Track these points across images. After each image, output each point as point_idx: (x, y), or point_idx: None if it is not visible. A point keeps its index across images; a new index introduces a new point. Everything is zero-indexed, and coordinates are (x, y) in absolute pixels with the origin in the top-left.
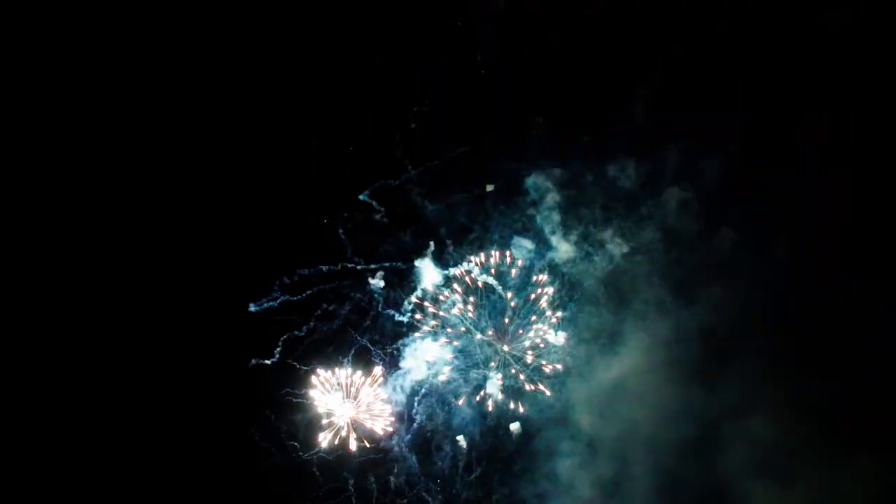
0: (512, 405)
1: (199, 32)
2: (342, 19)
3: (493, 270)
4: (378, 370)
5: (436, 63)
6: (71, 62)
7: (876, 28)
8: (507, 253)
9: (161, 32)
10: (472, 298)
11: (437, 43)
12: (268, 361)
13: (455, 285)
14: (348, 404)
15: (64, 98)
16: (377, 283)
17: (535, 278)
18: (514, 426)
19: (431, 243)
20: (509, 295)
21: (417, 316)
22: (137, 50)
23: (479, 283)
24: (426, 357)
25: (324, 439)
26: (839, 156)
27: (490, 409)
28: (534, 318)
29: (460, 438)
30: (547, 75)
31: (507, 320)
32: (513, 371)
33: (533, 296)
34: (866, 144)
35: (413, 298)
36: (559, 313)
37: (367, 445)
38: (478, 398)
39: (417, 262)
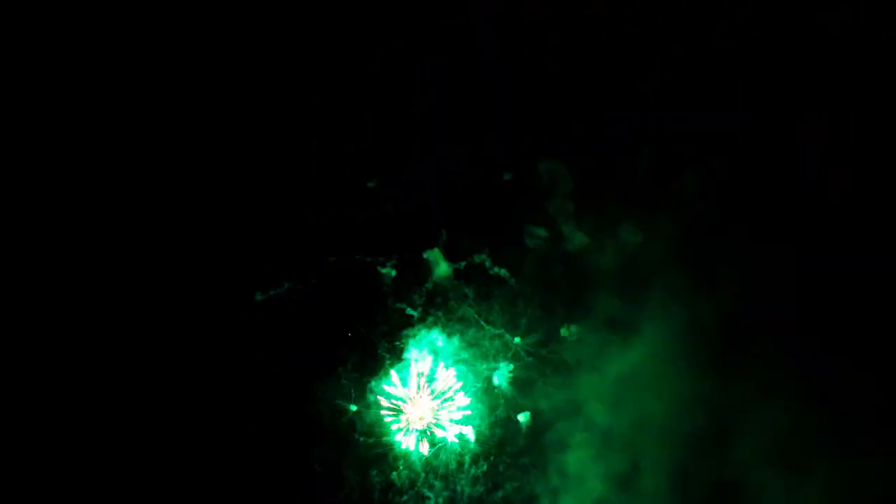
0: (521, 397)
1: (201, 32)
2: (342, 19)
3: (505, 261)
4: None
5: (436, 62)
6: (74, 62)
7: (876, 28)
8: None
9: (166, 32)
10: (482, 289)
11: (437, 43)
12: (271, 355)
13: (466, 276)
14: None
15: (70, 97)
16: (387, 273)
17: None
18: (523, 418)
19: (444, 232)
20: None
21: (427, 307)
22: (147, 48)
23: (491, 274)
24: (433, 349)
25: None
26: (861, 141)
27: (499, 401)
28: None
29: (466, 432)
30: (548, 74)
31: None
32: (523, 363)
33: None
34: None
35: (423, 289)
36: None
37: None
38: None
39: (428, 254)
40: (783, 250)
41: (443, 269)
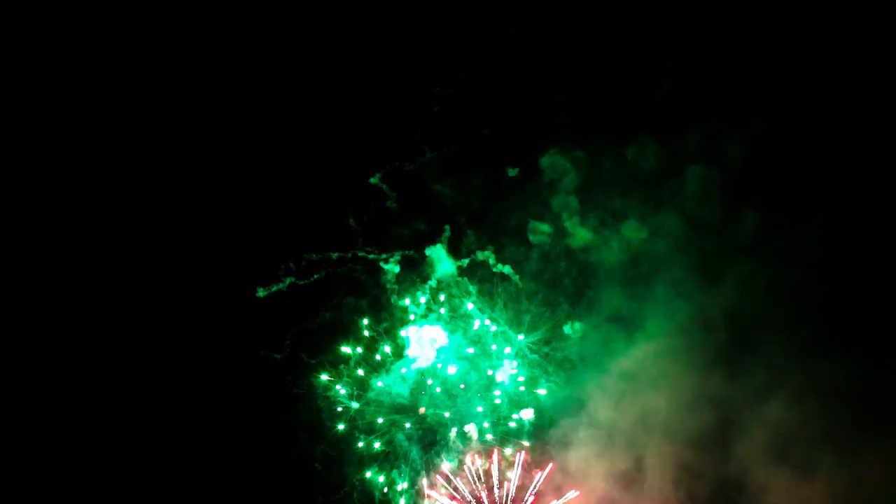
0: (525, 394)
1: (201, 32)
2: (344, 15)
3: (509, 258)
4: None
5: (439, 59)
6: (75, 63)
7: None
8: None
9: (167, 32)
10: (486, 286)
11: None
12: (274, 352)
13: (469, 273)
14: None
15: (71, 98)
16: (390, 270)
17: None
18: (527, 415)
19: (447, 227)
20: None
21: (430, 304)
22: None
23: (495, 271)
24: (436, 346)
25: None
26: (867, 135)
27: (500, 399)
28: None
29: (468, 429)
30: (570, 51)
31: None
32: (527, 360)
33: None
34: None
35: (427, 286)
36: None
37: None
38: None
39: (431, 250)
40: (787, 247)
41: (446, 265)
